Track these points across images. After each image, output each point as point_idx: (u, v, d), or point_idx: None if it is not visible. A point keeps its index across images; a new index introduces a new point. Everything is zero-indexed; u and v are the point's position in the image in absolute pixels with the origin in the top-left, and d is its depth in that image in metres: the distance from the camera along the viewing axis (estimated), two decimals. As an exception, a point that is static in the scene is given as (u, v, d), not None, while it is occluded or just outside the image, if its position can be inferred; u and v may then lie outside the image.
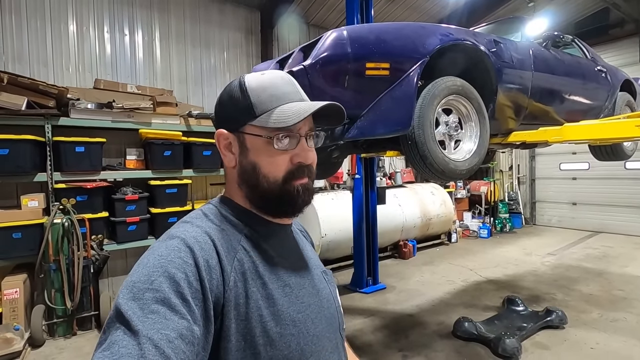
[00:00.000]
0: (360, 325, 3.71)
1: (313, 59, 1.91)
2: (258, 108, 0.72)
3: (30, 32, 4.28)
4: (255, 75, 0.76)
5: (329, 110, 0.75)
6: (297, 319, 0.71)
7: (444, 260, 6.06)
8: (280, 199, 0.74)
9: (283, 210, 0.77)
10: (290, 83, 0.76)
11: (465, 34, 2.37)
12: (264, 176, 0.73)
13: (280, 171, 0.73)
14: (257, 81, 0.74)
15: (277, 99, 0.72)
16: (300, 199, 0.75)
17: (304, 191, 0.75)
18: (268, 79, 0.75)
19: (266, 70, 0.83)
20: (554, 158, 8.71)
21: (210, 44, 5.67)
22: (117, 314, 0.54)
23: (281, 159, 0.73)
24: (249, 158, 0.74)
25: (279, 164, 0.73)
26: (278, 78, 0.76)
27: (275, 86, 0.74)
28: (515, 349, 2.97)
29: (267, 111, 0.71)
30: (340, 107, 0.76)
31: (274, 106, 0.72)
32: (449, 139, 2.33)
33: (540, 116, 3.02)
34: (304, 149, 0.75)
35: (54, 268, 3.50)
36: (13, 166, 3.47)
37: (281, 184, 0.73)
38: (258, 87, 0.73)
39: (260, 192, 0.74)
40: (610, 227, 7.86)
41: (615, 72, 3.89)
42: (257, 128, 0.72)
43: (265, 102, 0.72)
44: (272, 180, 0.73)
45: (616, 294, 4.35)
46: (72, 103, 3.90)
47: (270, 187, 0.73)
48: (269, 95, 0.72)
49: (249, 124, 0.73)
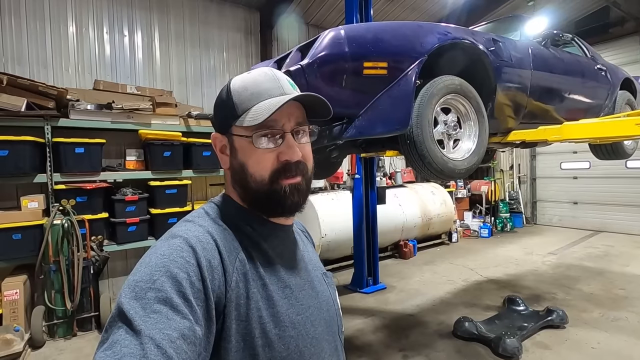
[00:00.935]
0: (360, 325, 3.70)
1: (310, 58, 1.91)
2: (239, 108, 0.72)
3: (30, 33, 4.28)
4: (241, 76, 0.76)
5: (312, 102, 0.74)
6: (297, 321, 0.70)
7: (444, 260, 6.05)
8: (269, 199, 0.73)
9: (273, 210, 0.76)
10: (273, 79, 0.74)
11: (463, 33, 2.37)
12: (251, 176, 0.72)
13: (266, 170, 0.71)
14: (240, 81, 0.74)
15: (257, 97, 0.71)
16: (289, 199, 0.73)
17: (293, 191, 0.73)
18: (251, 77, 0.74)
19: (267, 67, 0.83)
20: (554, 157, 8.69)
21: (210, 44, 5.68)
22: (119, 313, 0.54)
23: (266, 158, 0.71)
24: (238, 159, 0.74)
25: (264, 163, 0.71)
26: (261, 75, 0.74)
27: (256, 83, 0.73)
28: (515, 349, 2.96)
29: (246, 110, 0.71)
30: (319, 98, 0.74)
31: (253, 104, 0.71)
32: (448, 138, 2.32)
33: (540, 115, 3.01)
34: (290, 145, 0.72)
35: (54, 269, 3.50)
36: (13, 167, 3.48)
37: (268, 183, 0.72)
38: (240, 87, 0.73)
39: (250, 192, 0.74)
40: (611, 226, 7.83)
41: (615, 70, 3.87)
42: (240, 128, 0.72)
43: (245, 101, 0.72)
44: (259, 179, 0.72)
45: (617, 293, 4.33)
46: (72, 104, 3.90)
47: (257, 187, 0.72)
48: (250, 94, 0.72)
49: (234, 125, 0.73)
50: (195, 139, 4.57)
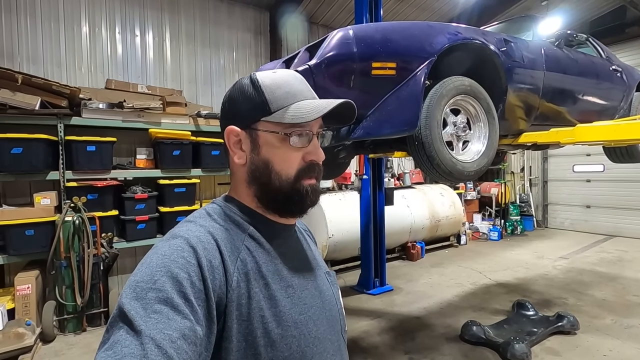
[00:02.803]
0: (366, 327, 3.69)
1: (318, 58, 1.90)
2: (273, 104, 0.72)
3: (45, 33, 4.37)
4: (267, 73, 0.76)
5: (342, 108, 0.75)
6: (299, 320, 0.70)
7: (452, 263, 5.98)
8: (290, 197, 0.74)
9: (290, 210, 0.77)
10: (303, 82, 0.77)
11: (474, 33, 2.33)
12: (277, 173, 0.73)
13: (293, 168, 0.73)
14: (270, 78, 0.74)
15: (293, 96, 0.73)
16: (309, 199, 0.75)
17: (312, 192, 0.76)
18: (281, 76, 0.75)
19: (292, 70, 0.84)
20: (567, 160, 8.53)
21: (220, 44, 5.72)
22: (120, 313, 0.54)
23: (294, 156, 0.73)
24: (261, 155, 0.73)
25: (292, 161, 0.73)
26: (291, 76, 0.76)
27: (289, 84, 0.74)
28: (524, 355, 2.91)
29: (283, 108, 0.72)
30: (353, 106, 0.77)
31: (290, 103, 0.72)
32: (457, 139, 2.29)
33: (552, 117, 2.95)
34: (316, 146, 0.75)
35: (65, 265, 3.57)
36: (27, 165, 3.55)
37: (293, 182, 0.73)
38: (272, 84, 0.73)
39: (271, 190, 0.74)
40: (625, 230, 7.65)
41: (632, 71, 3.78)
42: (272, 124, 0.72)
43: (280, 98, 0.72)
44: (285, 177, 0.73)
45: (631, 300, 4.23)
46: (84, 103, 3.97)
47: (281, 184, 0.73)
48: (284, 92, 0.73)
49: (262, 121, 0.73)
50: (204, 138, 4.61)
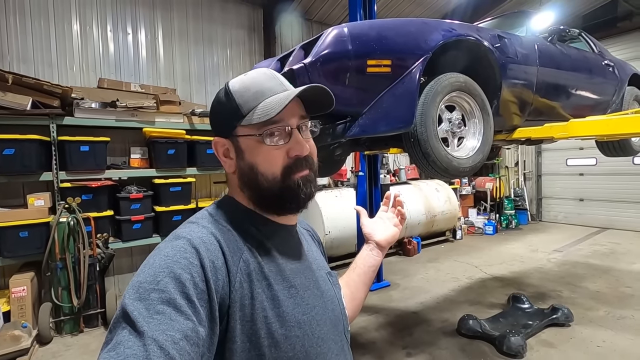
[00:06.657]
0: (364, 323, 3.71)
1: (313, 56, 1.90)
2: (243, 108, 0.72)
3: (34, 32, 4.30)
4: (239, 78, 0.76)
5: (316, 95, 0.74)
6: (302, 320, 0.70)
7: (448, 257, 6.03)
8: (281, 196, 0.73)
9: (286, 207, 0.76)
10: (273, 77, 0.75)
11: (468, 30, 2.34)
12: (262, 174, 0.72)
13: (278, 167, 0.72)
14: (240, 83, 0.75)
15: (261, 94, 0.72)
16: (302, 191, 0.74)
17: (305, 183, 0.74)
18: (250, 77, 0.75)
19: (264, 68, 0.83)
20: (560, 154, 8.61)
21: (213, 42, 5.67)
22: (123, 314, 0.54)
23: (276, 155, 0.72)
24: (245, 160, 0.74)
25: (275, 160, 0.72)
26: (260, 75, 0.75)
27: (258, 83, 0.74)
28: (520, 347, 2.95)
29: (252, 108, 0.71)
30: (325, 89, 0.74)
31: (259, 102, 0.72)
32: (452, 136, 2.30)
33: (546, 112, 2.98)
34: (298, 141, 0.73)
35: (61, 266, 3.54)
36: (19, 166, 3.51)
37: (280, 180, 0.72)
38: (241, 88, 0.73)
39: (262, 192, 0.73)
40: (618, 223, 7.75)
41: (624, 66, 3.82)
42: (246, 128, 0.72)
43: (249, 100, 0.72)
44: (271, 177, 0.72)
45: (624, 291, 4.30)
46: (77, 102, 3.92)
47: (270, 185, 0.72)
48: (253, 92, 0.72)
49: (239, 126, 0.73)
50: (199, 137, 4.58)
